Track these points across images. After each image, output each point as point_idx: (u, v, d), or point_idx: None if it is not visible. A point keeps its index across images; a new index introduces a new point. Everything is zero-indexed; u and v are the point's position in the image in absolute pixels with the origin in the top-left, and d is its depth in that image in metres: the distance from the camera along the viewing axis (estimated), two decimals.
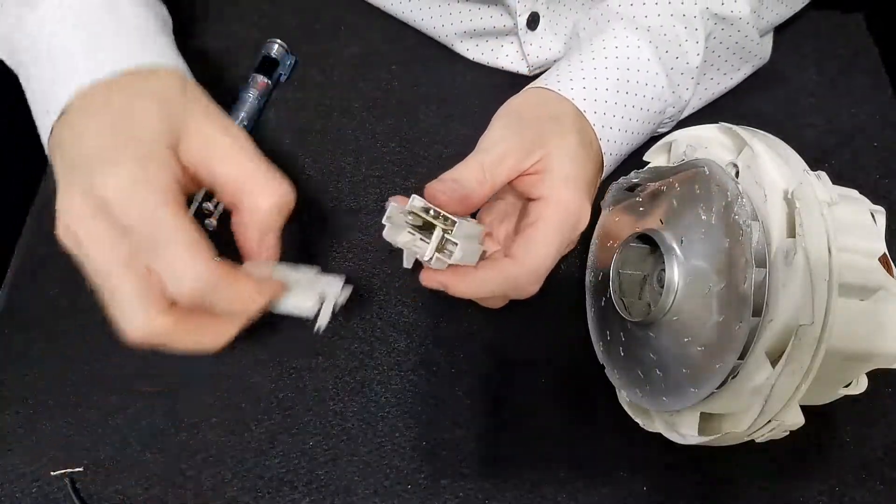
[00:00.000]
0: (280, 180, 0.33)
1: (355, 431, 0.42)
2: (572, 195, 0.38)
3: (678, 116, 0.47)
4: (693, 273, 0.36)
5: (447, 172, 0.37)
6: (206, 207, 0.48)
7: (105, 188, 0.30)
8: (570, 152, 0.39)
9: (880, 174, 0.52)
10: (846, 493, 0.41)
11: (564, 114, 0.41)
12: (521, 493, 0.41)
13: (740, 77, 0.50)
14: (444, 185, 0.36)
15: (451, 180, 0.36)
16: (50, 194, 0.48)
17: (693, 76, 0.45)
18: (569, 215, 0.38)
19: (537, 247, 0.37)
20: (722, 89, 0.50)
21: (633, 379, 0.39)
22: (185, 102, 0.34)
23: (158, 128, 0.32)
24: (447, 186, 0.36)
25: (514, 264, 0.37)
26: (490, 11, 0.51)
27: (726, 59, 0.48)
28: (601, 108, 0.42)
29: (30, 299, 0.45)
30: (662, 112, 0.45)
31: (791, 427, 0.34)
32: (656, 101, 0.44)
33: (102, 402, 0.42)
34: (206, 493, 0.40)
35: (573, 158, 0.39)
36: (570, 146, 0.39)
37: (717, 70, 0.48)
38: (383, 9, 0.56)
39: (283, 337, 0.44)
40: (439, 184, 0.36)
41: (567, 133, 0.40)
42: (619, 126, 0.43)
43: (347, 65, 0.55)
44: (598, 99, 0.42)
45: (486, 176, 0.37)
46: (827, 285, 0.31)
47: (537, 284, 0.38)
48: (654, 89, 0.44)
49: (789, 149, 0.37)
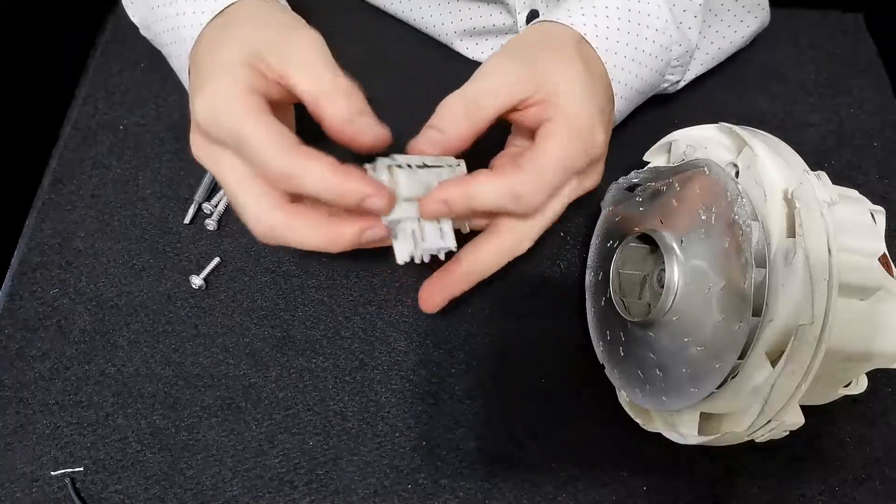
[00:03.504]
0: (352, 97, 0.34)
1: (355, 431, 0.42)
2: (583, 116, 0.36)
3: (686, 62, 0.46)
4: (693, 273, 0.36)
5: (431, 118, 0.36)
6: (206, 207, 0.48)
7: (195, 113, 0.34)
8: (577, 77, 0.37)
9: (880, 174, 0.52)
10: (846, 493, 0.41)
11: (568, 43, 0.39)
12: (521, 493, 0.41)
13: (744, 32, 0.50)
14: (423, 139, 0.35)
15: (429, 127, 0.35)
16: (50, 194, 0.49)
17: (696, 14, 0.44)
18: (578, 131, 0.36)
19: (545, 158, 0.35)
20: (728, 44, 0.49)
21: (633, 379, 0.39)
22: (262, 22, 0.37)
23: (236, 51, 0.34)
24: (427, 138, 0.35)
25: (516, 170, 0.35)
26: (489, 10, 0.51)
27: (729, 7, 0.47)
28: (605, 34, 0.41)
29: (30, 299, 0.45)
30: (669, 49, 0.44)
31: (791, 427, 0.34)
32: (661, 35, 0.43)
33: (102, 402, 0.42)
34: (206, 493, 0.40)
35: (581, 83, 0.37)
36: (575, 72, 0.37)
37: (720, 21, 0.48)
38: (383, 9, 0.56)
39: (284, 337, 0.44)
40: (420, 138, 0.35)
41: (571, 61, 0.38)
42: (627, 54, 0.41)
43: (347, 65, 0.54)
44: (600, 25, 0.41)
45: (468, 109, 0.35)
46: (827, 285, 0.31)
47: (541, 196, 0.35)
48: (658, 21, 0.43)
49: (789, 149, 0.37)
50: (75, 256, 0.46)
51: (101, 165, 0.50)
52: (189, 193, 0.48)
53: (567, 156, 0.35)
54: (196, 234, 0.47)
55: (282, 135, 0.32)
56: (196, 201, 0.48)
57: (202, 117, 0.34)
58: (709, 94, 0.54)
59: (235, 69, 0.34)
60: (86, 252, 0.47)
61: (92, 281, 0.46)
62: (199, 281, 0.45)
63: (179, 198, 0.49)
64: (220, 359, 0.44)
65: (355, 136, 0.34)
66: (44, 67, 0.61)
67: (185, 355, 0.44)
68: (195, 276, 0.45)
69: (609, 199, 0.45)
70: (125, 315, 0.45)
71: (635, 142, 0.46)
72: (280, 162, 0.32)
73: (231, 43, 0.35)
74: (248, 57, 0.34)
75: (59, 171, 0.50)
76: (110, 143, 0.51)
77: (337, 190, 0.32)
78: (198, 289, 0.45)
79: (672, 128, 0.42)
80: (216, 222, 0.47)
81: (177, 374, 0.43)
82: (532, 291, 0.46)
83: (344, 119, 0.33)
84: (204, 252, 0.47)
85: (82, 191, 0.49)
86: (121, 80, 0.53)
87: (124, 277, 0.46)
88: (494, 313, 0.45)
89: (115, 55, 0.54)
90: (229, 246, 0.47)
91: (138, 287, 0.46)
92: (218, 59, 0.35)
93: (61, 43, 0.62)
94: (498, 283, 0.46)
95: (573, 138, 0.36)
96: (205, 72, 0.35)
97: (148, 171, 0.50)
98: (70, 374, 0.43)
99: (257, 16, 0.38)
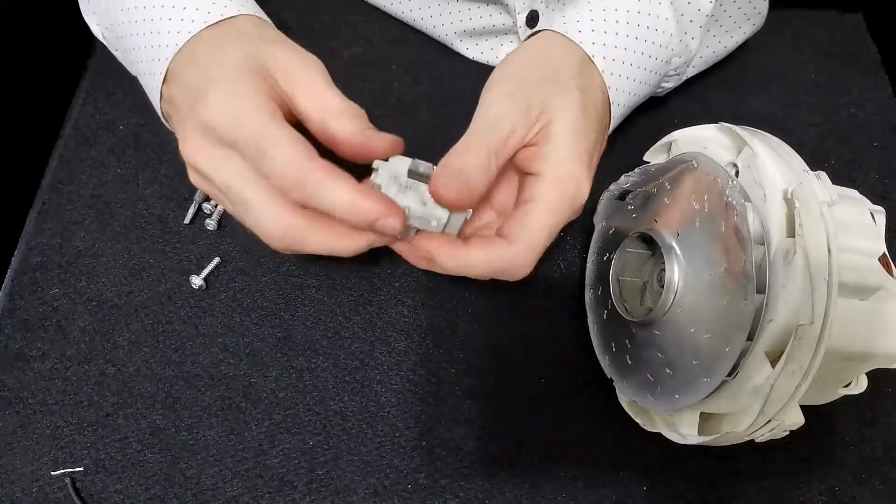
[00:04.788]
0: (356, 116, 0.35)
1: (355, 431, 0.42)
2: (570, 171, 0.36)
3: (682, 70, 0.46)
4: (693, 262, 0.36)
5: (449, 157, 0.35)
6: (206, 208, 0.48)
7: (206, 111, 0.33)
8: (572, 119, 0.37)
9: (880, 174, 0.52)
10: (846, 493, 0.41)
11: (568, 67, 0.39)
12: (521, 493, 0.41)
13: (739, 37, 0.50)
14: (448, 178, 0.34)
15: (455, 170, 0.34)
16: (50, 194, 0.49)
17: (702, 24, 0.44)
18: (566, 193, 0.36)
19: (532, 228, 0.35)
20: (723, 48, 0.49)
21: (644, 384, 0.39)
22: (264, 39, 0.37)
23: (242, 58, 0.35)
24: (453, 178, 0.34)
25: (507, 245, 0.35)
26: (489, 10, 0.51)
27: (731, 13, 0.47)
28: (611, 53, 0.40)
29: (30, 299, 0.45)
30: (668, 62, 0.44)
31: (791, 427, 0.34)
32: (664, 50, 0.43)
33: (102, 402, 0.42)
34: (206, 493, 0.40)
35: (574, 128, 0.37)
36: (571, 112, 0.37)
37: (720, 26, 0.47)
38: (383, 9, 0.56)
39: (284, 337, 0.44)
40: (445, 177, 0.34)
41: (569, 93, 0.38)
42: (628, 74, 0.41)
43: (347, 65, 0.55)
44: (608, 43, 0.40)
45: (491, 162, 0.35)
46: (827, 285, 0.32)
47: (530, 267, 0.36)
48: (664, 36, 0.42)
49: (789, 149, 0.37)
50: (75, 256, 0.46)
51: (101, 165, 0.50)
52: (189, 193, 0.48)
53: (556, 221, 0.36)
54: (196, 234, 0.47)
55: (304, 144, 0.32)
56: (196, 201, 0.48)
57: (218, 115, 0.33)
58: (709, 94, 0.54)
59: (249, 75, 0.34)
60: (86, 252, 0.47)
61: (92, 281, 0.46)
62: (199, 281, 0.45)
63: (179, 198, 0.49)
64: (220, 359, 0.44)
65: (369, 144, 0.34)
66: (44, 67, 0.61)
67: (185, 355, 0.44)
68: (195, 276, 0.45)
69: (601, 211, 0.45)
70: (125, 315, 0.45)
71: (635, 142, 0.46)
72: (300, 172, 0.32)
73: (236, 52, 0.35)
74: (258, 68, 0.34)
75: (59, 171, 0.50)
76: (110, 143, 0.51)
77: (353, 209, 0.32)
78: (198, 289, 0.45)
79: (672, 128, 0.42)
80: (216, 222, 0.47)
81: (177, 374, 0.43)
82: (532, 291, 0.46)
83: (356, 132, 0.34)
84: (204, 252, 0.47)
85: (82, 191, 0.49)
86: (121, 80, 0.53)
87: (124, 277, 0.46)
88: (494, 313, 0.45)
89: (115, 55, 0.54)
90: (229, 246, 0.47)
91: (138, 287, 0.46)
92: (227, 63, 0.35)
93: (61, 43, 0.62)
94: (498, 283, 0.46)
95: (561, 201, 0.36)
96: (214, 73, 0.34)
97: (148, 171, 0.50)
98: (70, 374, 0.43)
99: (255, 34, 0.38)
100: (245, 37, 0.37)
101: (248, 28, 0.38)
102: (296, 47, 0.37)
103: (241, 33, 0.37)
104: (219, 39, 0.37)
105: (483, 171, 0.34)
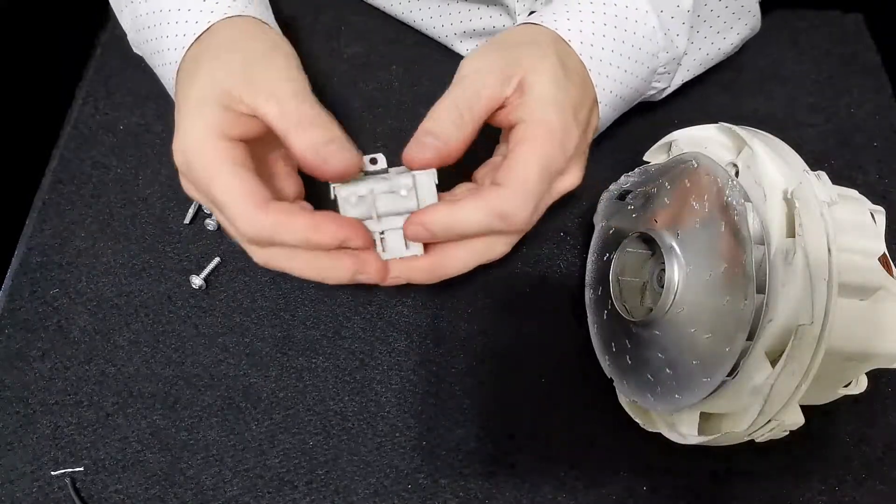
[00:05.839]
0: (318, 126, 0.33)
1: (355, 431, 0.42)
2: (554, 115, 0.35)
3: (673, 69, 0.46)
4: (693, 262, 0.36)
5: (422, 124, 0.34)
6: (206, 207, 0.48)
7: (174, 154, 0.34)
8: (548, 72, 0.36)
9: (880, 174, 0.52)
10: (846, 493, 0.41)
11: (544, 39, 0.39)
12: (521, 493, 0.41)
13: (733, 39, 0.49)
14: (420, 146, 0.34)
15: (426, 133, 0.34)
16: (50, 194, 0.49)
17: (685, 21, 0.44)
18: (552, 132, 0.35)
19: (522, 167, 0.34)
20: (716, 51, 0.49)
21: (644, 385, 0.39)
22: (238, 52, 0.36)
23: (207, 90, 0.34)
24: (425, 145, 0.34)
25: (499, 189, 0.34)
26: (489, 11, 0.51)
27: (719, 13, 0.47)
28: (590, 40, 0.40)
29: (30, 299, 0.45)
30: (655, 56, 0.43)
31: (791, 427, 0.34)
32: (647, 41, 0.42)
33: (102, 402, 0.42)
34: (206, 493, 0.40)
35: (552, 79, 0.36)
36: (548, 67, 0.37)
37: (709, 27, 0.47)
38: (383, 9, 0.56)
39: (284, 337, 0.44)
40: (416, 146, 0.34)
41: (546, 56, 0.37)
42: (612, 61, 0.41)
43: (347, 65, 0.55)
44: (585, 31, 0.40)
45: (463, 116, 0.34)
46: (826, 285, 0.31)
47: (528, 211, 0.34)
48: (645, 28, 0.42)
49: (789, 149, 0.37)
50: (75, 256, 0.46)
51: (101, 165, 0.50)
52: None
53: (544, 160, 0.34)
54: (196, 234, 0.47)
55: (252, 192, 0.32)
56: (196, 201, 0.48)
57: (178, 161, 0.34)
58: (709, 94, 0.54)
59: (206, 110, 0.33)
60: (86, 252, 0.47)
61: (92, 281, 0.46)
62: (199, 281, 0.45)
63: (179, 198, 0.49)
64: (220, 359, 0.44)
65: (321, 165, 0.32)
66: (44, 67, 0.61)
67: (185, 355, 0.44)
68: (195, 276, 0.45)
69: (601, 211, 0.45)
70: (125, 315, 0.45)
71: (635, 142, 0.46)
72: (252, 226, 0.32)
73: (202, 80, 0.35)
74: (219, 95, 0.34)
75: (59, 171, 0.50)
76: (110, 143, 0.51)
77: (314, 241, 0.32)
78: (198, 289, 0.45)
79: (672, 128, 0.42)
80: (216, 222, 0.47)
81: (177, 374, 0.43)
82: (532, 291, 0.46)
83: (307, 148, 0.32)
84: (204, 252, 0.47)
85: (82, 191, 0.49)
86: (121, 80, 0.53)
87: (124, 277, 0.46)
88: (494, 313, 0.45)
89: (115, 55, 0.54)
90: (229, 246, 0.47)
91: (138, 287, 0.46)
92: (191, 98, 0.34)
93: (61, 43, 0.62)
94: (498, 283, 0.46)
95: (547, 140, 0.35)
96: (180, 112, 0.35)
97: (148, 171, 0.50)
98: (70, 374, 0.43)
99: (230, 43, 0.37)
100: (216, 55, 0.36)
101: (224, 39, 0.38)
102: (264, 51, 0.36)
103: (215, 50, 0.37)
104: (194, 62, 0.37)
105: (453, 124, 0.34)
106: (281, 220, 0.32)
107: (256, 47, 0.37)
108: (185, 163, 0.33)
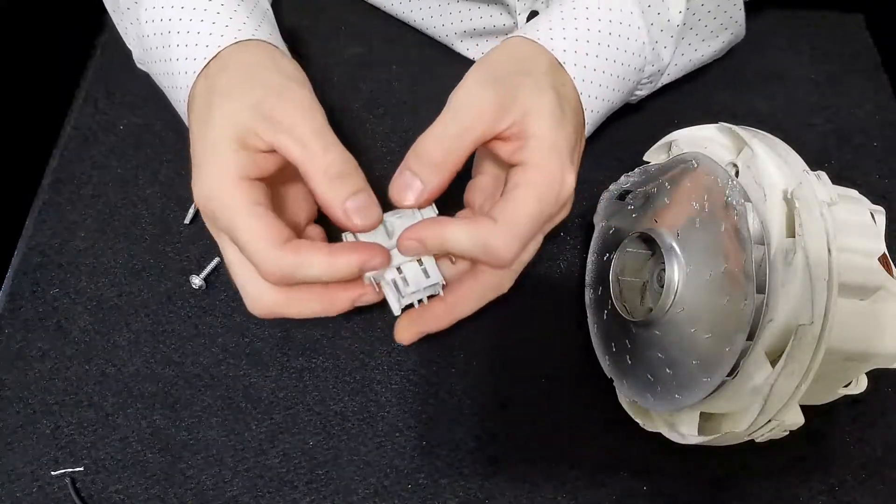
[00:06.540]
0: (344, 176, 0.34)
1: (355, 431, 0.42)
2: (554, 162, 0.36)
3: (656, 79, 0.46)
4: (693, 262, 0.36)
5: (407, 159, 0.35)
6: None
7: (195, 191, 0.35)
8: (549, 114, 0.37)
9: (880, 174, 0.52)
10: (846, 493, 0.41)
11: (540, 69, 0.39)
12: (521, 493, 0.41)
13: (717, 46, 0.49)
14: (403, 189, 0.35)
15: (412, 175, 0.35)
16: (50, 194, 0.49)
17: (673, 35, 0.44)
18: (551, 182, 0.35)
19: (516, 209, 0.35)
20: (699, 57, 0.49)
21: (644, 384, 0.39)
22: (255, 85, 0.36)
23: (225, 129, 0.34)
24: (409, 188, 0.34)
25: (490, 222, 0.34)
26: (490, 11, 0.51)
27: (706, 23, 0.47)
28: (581, 60, 0.40)
29: (30, 299, 0.45)
30: (641, 70, 0.43)
31: (791, 427, 0.34)
32: (636, 58, 0.42)
33: (102, 402, 0.42)
34: (206, 493, 0.40)
35: (552, 121, 0.36)
36: (547, 107, 0.37)
37: (695, 35, 0.47)
38: (383, 9, 0.56)
39: (283, 337, 0.44)
40: (399, 188, 0.35)
41: (543, 91, 0.37)
42: (600, 81, 0.41)
43: (347, 65, 0.55)
44: (579, 51, 0.40)
45: (450, 154, 0.35)
46: (826, 285, 0.32)
47: (513, 251, 0.34)
48: (636, 44, 0.42)
49: (789, 149, 0.37)
50: (75, 256, 0.46)
51: (101, 165, 0.50)
52: (189, 193, 0.48)
53: (540, 205, 0.35)
54: (196, 234, 0.47)
55: (273, 232, 0.33)
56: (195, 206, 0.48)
57: (199, 204, 0.34)
58: (709, 94, 0.54)
59: (225, 153, 0.34)
60: (86, 252, 0.47)
61: (92, 281, 0.46)
62: (199, 281, 0.45)
63: (179, 198, 0.49)
64: (220, 359, 0.44)
65: (346, 222, 0.34)
66: (44, 67, 0.61)
67: (185, 355, 0.44)
68: (195, 276, 0.45)
69: (601, 210, 0.45)
70: (125, 315, 0.45)
71: (635, 142, 0.46)
72: (273, 263, 0.32)
73: (217, 121, 0.35)
74: (237, 133, 0.34)
75: (59, 171, 0.50)
76: (110, 143, 0.51)
77: (334, 272, 0.33)
78: (198, 289, 0.45)
79: (672, 128, 0.42)
80: None
81: (177, 374, 0.43)
82: (532, 291, 0.46)
83: (334, 205, 0.33)
84: (204, 252, 0.47)
85: (82, 191, 0.49)
86: (121, 80, 0.53)
87: (124, 277, 0.46)
88: (494, 313, 0.45)
89: (115, 55, 0.54)
90: None
91: (138, 287, 0.46)
92: (208, 139, 0.35)
93: (61, 43, 0.62)
94: None
95: (545, 189, 0.35)
96: (197, 154, 0.35)
97: (148, 171, 0.50)
98: (70, 374, 0.43)
99: (244, 76, 0.37)
100: (232, 87, 0.36)
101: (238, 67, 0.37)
102: (282, 83, 0.36)
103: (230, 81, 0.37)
104: (209, 93, 0.36)
105: (436, 166, 0.35)
106: (303, 254, 0.32)
107: (271, 80, 0.36)
108: (206, 206, 0.34)
